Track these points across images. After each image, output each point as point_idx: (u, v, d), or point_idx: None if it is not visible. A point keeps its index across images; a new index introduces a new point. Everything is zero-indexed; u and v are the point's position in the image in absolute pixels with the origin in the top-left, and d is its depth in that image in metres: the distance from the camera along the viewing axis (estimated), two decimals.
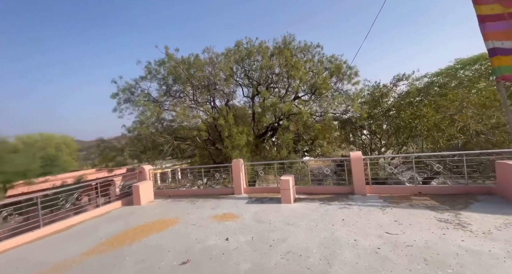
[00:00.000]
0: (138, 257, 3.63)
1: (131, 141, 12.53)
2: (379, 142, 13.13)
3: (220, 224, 4.76)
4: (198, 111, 12.49)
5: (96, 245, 4.25)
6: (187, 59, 11.37)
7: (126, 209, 6.74)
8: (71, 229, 5.35)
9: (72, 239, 4.71)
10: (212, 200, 6.74)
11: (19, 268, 3.66)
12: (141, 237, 4.44)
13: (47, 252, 4.15)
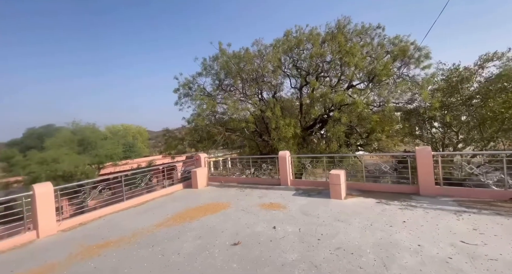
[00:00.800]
0: (197, 233, 4.12)
1: (189, 131, 13.96)
2: (456, 136, 10.98)
3: (267, 213, 4.92)
4: (247, 103, 12.91)
5: (164, 219, 5.01)
6: (238, 53, 11.75)
7: (186, 191, 7.65)
8: (145, 204, 6.44)
9: (146, 212, 5.66)
10: (259, 189, 7.00)
11: (110, 231, 4.64)
12: (198, 216, 5.00)
13: (128, 221, 5.13)
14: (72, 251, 3.81)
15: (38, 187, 4.66)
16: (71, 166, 13.66)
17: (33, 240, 4.45)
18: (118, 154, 17.93)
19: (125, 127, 33.88)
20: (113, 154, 17.27)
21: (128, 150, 22.20)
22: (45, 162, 13.25)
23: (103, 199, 6.68)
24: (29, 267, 3.42)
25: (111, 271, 3.11)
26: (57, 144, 15.45)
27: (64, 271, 3.20)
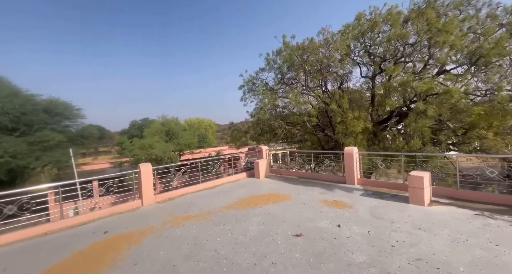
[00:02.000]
0: (260, 219, 4.40)
1: (252, 125, 14.71)
2: None
3: (331, 210, 4.74)
4: (309, 96, 12.49)
5: (232, 202, 5.57)
6: (302, 44, 11.42)
7: (249, 180, 8.20)
8: (216, 188, 7.30)
9: (217, 195, 6.42)
10: (320, 185, 6.77)
11: (191, 207, 5.51)
12: (261, 204, 5.31)
13: (204, 200, 5.95)
14: (165, 219, 4.76)
15: (143, 166, 5.99)
16: (161, 152, 16.78)
17: (139, 207, 5.80)
18: (194, 144, 20.79)
19: (199, 120, 38.79)
20: (190, 143, 20.14)
21: (202, 140, 25.41)
22: (144, 147, 16.76)
23: (183, 181, 7.97)
24: (137, 226, 4.50)
25: (192, 240, 3.74)
26: (151, 134, 19.25)
27: (160, 234, 4.05)
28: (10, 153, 11.24)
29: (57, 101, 14.51)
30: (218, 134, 51.34)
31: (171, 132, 20.27)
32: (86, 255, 3.47)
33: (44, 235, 4.38)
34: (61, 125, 14.67)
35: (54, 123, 14.00)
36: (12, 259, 3.50)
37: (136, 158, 17.16)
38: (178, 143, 19.80)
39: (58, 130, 14.01)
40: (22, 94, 13.18)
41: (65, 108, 14.68)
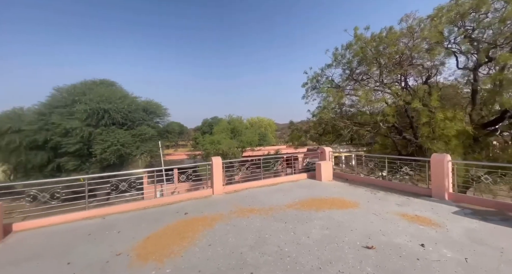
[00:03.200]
0: (323, 224, 4.22)
1: (314, 124, 14.20)
2: None
3: (410, 225, 4.08)
4: (383, 93, 11.02)
5: (292, 202, 5.57)
6: (378, 35, 10.18)
7: (310, 181, 7.97)
8: (276, 185, 7.44)
9: (277, 193, 6.55)
10: (396, 196, 5.90)
11: (254, 201, 5.82)
12: (324, 208, 5.09)
13: (265, 196, 6.18)
14: (231, 209, 5.21)
15: (214, 159, 6.72)
16: (226, 147, 18.38)
17: (210, 195, 6.55)
18: (255, 142, 21.82)
19: (260, 119, 40.31)
20: (252, 141, 21.24)
21: (262, 139, 26.37)
22: (213, 143, 18.75)
23: (244, 175, 8.47)
24: (209, 212, 5.10)
25: (256, 232, 3.95)
26: (219, 131, 21.33)
27: (229, 222, 4.46)
28: (121, 143, 14.68)
29: (151, 102, 18.00)
30: (277, 133, 51.91)
31: (235, 130, 21.89)
32: (173, 229, 4.19)
33: (143, 209, 5.54)
34: (153, 122, 18.11)
35: (149, 120, 17.42)
36: (124, 224, 4.58)
37: (206, 152, 19.39)
38: (241, 140, 21.18)
39: (151, 125, 17.36)
40: (129, 96, 16.95)
41: (157, 108, 18.04)
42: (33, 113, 14.25)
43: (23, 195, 5.12)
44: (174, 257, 3.21)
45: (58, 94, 15.15)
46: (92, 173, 14.14)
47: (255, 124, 33.88)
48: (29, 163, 13.50)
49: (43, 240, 3.96)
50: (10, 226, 4.33)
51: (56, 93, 15.32)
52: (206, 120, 40.29)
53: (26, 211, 5.04)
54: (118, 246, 3.60)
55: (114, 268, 3.00)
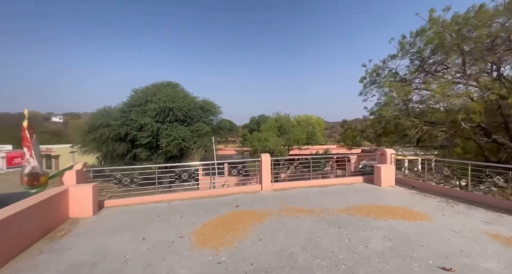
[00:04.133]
0: (385, 234, 3.77)
1: (372, 123, 12.85)
2: None
3: (507, 250, 3.25)
4: (467, 86, 9.05)
5: (346, 206, 5.18)
6: (463, 16, 8.41)
7: (366, 186, 7.26)
8: (326, 187, 7.06)
9: (328, 195, 6.20)
10: (482, 211, 4.80)
11: (303, 201, 5.66)
12: (385, 216, 4.54)
13: (315, 198, 5.93)
14: (281, 206, 5.20)
15: (263, 156, 6.83)
16: (273, 145, 18.48)
17: (258, 191, 6.70)
18: (302, 140, 21.25)
19: (307, 117, 38.96)
20: (299, 139, 20.77)
21: (310, 137, 25.48)
22: (260, 140, 19.13)
23: (291, 174, 8.31)
24: (259, 207, 5.21)
25: (308, 234, 3.82)
26: (266, 128, 21.60)
27: (278, 219, 4.47)
28: (182, 137, 16.46)
29: (207, 101, 19.57)
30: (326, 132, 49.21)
31: (282, 128, 21.75)
32: (226, 220, 4.46)
33: (200, 198, 6.08)
34: (208, 119, 19.64)
35: (205, 117, 18.98)
36: (185, 210, 5.12)
37: (254, 149, 19.95)
38: (288, 138, 20.93)
39: (207, 122, 18.88)
40: (189, 96, 18.80)
41: (211, 106, 19.51)
42: (117, 110, 17.37)
43: (111, 178, 6.32)
44: (228, 247, 3.40)
45: (135, 95, 18.04)
46: (159, 163, 16.35)
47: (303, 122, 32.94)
48: (114, 152, 16.56)
49: (125, 216, 4.79)
50: (102, 202, 5.39)
51: (133, 93, 18.27)
52: (253, 117, 41.42)
53: (113, 191, 6.20)
54: (181, 229, 4.05)
55: (178, 249, 3.39)
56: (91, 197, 4.75)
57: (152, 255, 3.22)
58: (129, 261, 3.07)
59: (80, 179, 5.05)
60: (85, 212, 4.70)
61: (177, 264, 2.98)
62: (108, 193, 6.31)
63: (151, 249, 3.38)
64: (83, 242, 3.62)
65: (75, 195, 4.66)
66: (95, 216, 4.76)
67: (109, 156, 16.99)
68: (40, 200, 3.82)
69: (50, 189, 4.48)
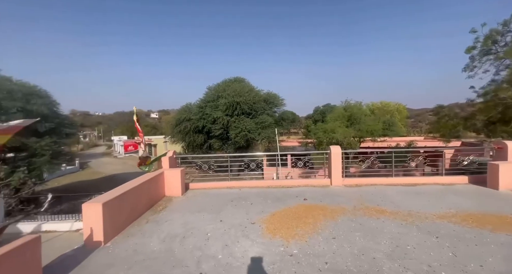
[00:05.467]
0: (510, 253, 2.80)
1: (484, 107, 9.85)
2: None
3: None
4: None
5: (444, 212, 4.16)
6: None
7: (475, 188, 5.65)
8: (414, 186, 5.89)
9: (417, 196, 5.15)
10: None
11: (383, 200, 4.92)
12: (508, 229, 3.38)
13: (399, 198, 5.04)
14: (355, 204, 4.69)
15: (333, 148, 6.31)
16: (341, 136, 17.01)
17: (327, 185, 6.28)
18: (377, 131, 18.64)
19: (384, 104, 33.70)
20: (373, 130, 18.31)
21: (387, 128, 22.08)
22: (326, 131, 17.97)
23: (362, 169, 7.33)
24: (328, 202, 4.87)
25: (393, 239, 3.27)
26: (333, 118, 20.06)
27: (353, 218, 4.04)
28: (247, 129, 17.39)
29: (271, 93, 19.83)
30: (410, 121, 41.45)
31: (353, 118, 19.65)
32: (294, 212, 4.38)
33: (267, 187, 6.23)
34: (271, 111, 19.92)
35: (268, 110, 19.34)
36: (254, 198, 5.35)
37: (318, 140, 18.98)
38: (359, 129, 18.78)
39: (270, 114, 19.20)
40: (254, 89, 19.50)
41: (275, 98, 19.66)
42: (196, 106, 19.94)
43: (193, 165, 7.30)
44: (299, 240, 3.32)
45: (209, 91, 20.19)
46: (229, 153, 17.90)
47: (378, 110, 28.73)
48: (194, 142, 19.23)
49: (205, 198, 5.44)
50: (188, 185, 6.30)
51: (208, 90, 20.47)
52: (318, 108, 39.22)
53: (194, 175, 7.17)
54: (251, 216, 4.26)
55: (250, 234, 3.56)
56: (180, 179, 5.62)
57: (229, 236, 3.50)
58: (210, 239, 3.44)
59: (171, 164, 6.04)
60: (175, 192, 5.61)
61: (251, 249, 3.12)
62: (191, 177, 7.35)
63: (227, 231, 3.69)
64: (175, 217, 4.33)
65: (169, 177, 5.61)
66: (183, 196, 5.62)
67: (190, 145, 19.84)
68: (147, 179, 4.79)
69: (153, 171, 5.56)
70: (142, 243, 3.37)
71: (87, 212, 3.29)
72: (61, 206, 9.45)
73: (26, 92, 11.96)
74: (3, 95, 11.03)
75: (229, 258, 2.93)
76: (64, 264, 2.84)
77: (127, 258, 2.97)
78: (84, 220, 3.30)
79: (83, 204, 3.31)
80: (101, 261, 2.92)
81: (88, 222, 3.28)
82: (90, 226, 3.26)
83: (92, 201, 3.40)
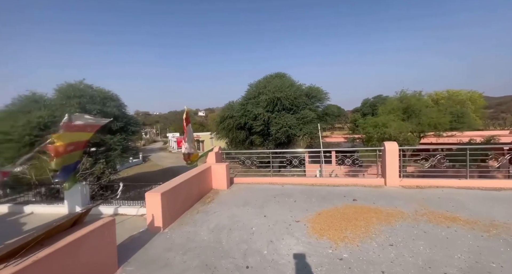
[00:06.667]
0: None
1: None
2: None
3: None
4: None
5: None
6: None
7: None
8: (498, 191, 4.82)
9: (503, 203, 4.19)
10: None
11: (454, 206, 4.16)
12: None
13: (476, 205, 4.17)
14: (416, 209, 4.10)
15: (389, 144, 5.64)
16: (396, 131, 15.13)
17: (381, 185, 5.66)
18: (443, 124, 15.92)
19: (451, 93, 28.48)
20: (437, 123, 15.71)
21: (456, 120, 18.64)
22: (377, 126, 16.25)
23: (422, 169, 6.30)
24: (383, 205, 4.38)
25: (470, 252, 2.73)
26: (386, 111, 17.98)
27: (414, 224, 3.53)
28: (288, 125, 17.10)
29: (313, 87, 19.01)
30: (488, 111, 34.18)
31: (411, 110, 17.21)
32: (342, 212, 4.09)
33: (311, 185, 6.00)
34: (314, 106, 19.09)
35: (310, 104, 18.61)
36: (298, 195, 5.21)
37: (368, 136, 17.33)
38: (419, 122, 16.35)
39: (312, 109, 18.45)
40: (295, 84, 18.99)
41: (318, 92, 18.76)
42: (238, 104, 20.62)
43: (236, 160, 7.56)
44: (349, 244, 3.08)
45: (250, 89, 20.58)
46: (270, 149, 18.00)
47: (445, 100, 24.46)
48: (237, 138, 19.97)
49: (249, 193, 5.57)
50: (232, 179, 6.56)
51: (249, 88, 20.89)
52: (366, 100, 35.72)
53: (238, 170, 7.42)
54: (295, 213, 4.16)
55: (295, 232, 3.47)
56: (225, 174, 5.89)
57: (273, 233, 3.49)
58: (255, 233, 3.50)
59: (217, 159, 6.38)
60: (221, 185, 5.92)
61: (296, 248, 3.04)
62: (235, 171, 7.63)
63: (272, 227, 3.69)
64: (222, 209, 4.56)
65: (215, 171, 5.94)
66: (228, 190, 5.88)
67: (233, 141, 20.69)
68: (197, 172, 5.17)
69: (201, 165, 5.98)
70: (194, 231, 3.66)
71: (149, 200, 3.73)
72: (130, 193, 11.13)
73: (102, 96, 14.40)
74: (87, 100, 13.50)
75: (274, 255, 2.92)
76: (133, 244, 3.29)
77: (182, 244, 3.27)
78: (147, 207, 3.76)
79: (146, 193, 3.77)
80: (161, 245, 3.28)
81: (151, 209, 3.72)
82: (152, 213, 3.69)
83: (153, 191, 3.83)
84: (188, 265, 2.77)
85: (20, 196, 9.02)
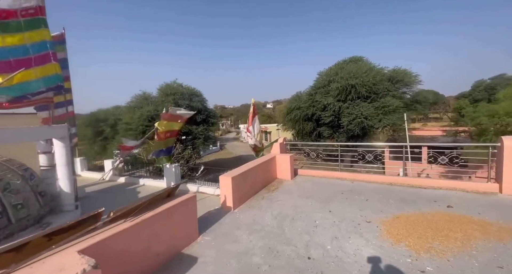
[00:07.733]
0: None
1: None
2: None
3: None
4: None
5: None
6: None
7: None
8: None
9: None
10: None
11: None
12: None
13: None
14: None
15: (508, 139, 4.19)
16: None
17: (493, 192, 4.33)
18: None
19: None
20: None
21: None
22: (496, 115, 12.16)
23: None
24: (494, 216, 3.36)
25: None
26: (510, 96, 13.17)
27: None
28: (364, 115, 15.22)
29: (398, 70, 16.00)
30: None
31: None
32: (430, 219, 3.42)
33: (388, 184, 5.25)
34: (399, 92, 16.13)
35: (394, 90, 15.82)
36: (370, 194, 4.69)
37: (479, 129, 13.29)
38: None
39: (396, 96, 15.64)
40: (374, 68, 16.53)
41: (405, 75, 15.70)
42: (305, 94, 19.91)
43: (301, 151, 7.46)
44: (436, 256, 2.57)
45: (319, 77, 19.42)
46: (340, 141, 16.69)
47: None
48: (304, 130, 19.49)
49: (313, 186, 5.45)
50: (296, 170, 6.56)
51: (318, 76, 19.75)
52: (480, 82, 26.94)
53: (303, 162, 7.31)
54: (367, 213, 3.78)
55: (365, 233, 3.19)
56: (289, 164, 5.96)
57: (338, 229, 3.33)
58: (318, 227, 3.44)
59: (282, 150, 6.51)
60: (285, 176, 6.04)
61: (365, 249, 2.81)
62: (300, 163, 7.57)
63: (337, 223, 3.52)
64: (286, 198, 4.69)
65: (279, 161, 6.10)
66: (292, 180, 5.94)
67: (300, 133, 20.35)
68: (262, 161, 5.49)
69: (266, 155, 6.28)
70: (259, 215, 3.95)
71: (222, 182, 4.27)
72: (210, 175, 13.01)
73: (189, 93, 17.19)
74: (178, 96, 16.47)
75: (339, 252, 2.80)
76: (209, 219, 3.89)
77: (249, 225, 3.61)
78: (221, 189, 4.32)
79: (220, 176, 4.33)
80: (231, 223, 3.73)
81: (223, 190, 4.26)
82: (224, 194, 4.23)
83: (226, 175, 4.36)
84: (254, 245, 3.05)
85: (136, 171, 12.13)
